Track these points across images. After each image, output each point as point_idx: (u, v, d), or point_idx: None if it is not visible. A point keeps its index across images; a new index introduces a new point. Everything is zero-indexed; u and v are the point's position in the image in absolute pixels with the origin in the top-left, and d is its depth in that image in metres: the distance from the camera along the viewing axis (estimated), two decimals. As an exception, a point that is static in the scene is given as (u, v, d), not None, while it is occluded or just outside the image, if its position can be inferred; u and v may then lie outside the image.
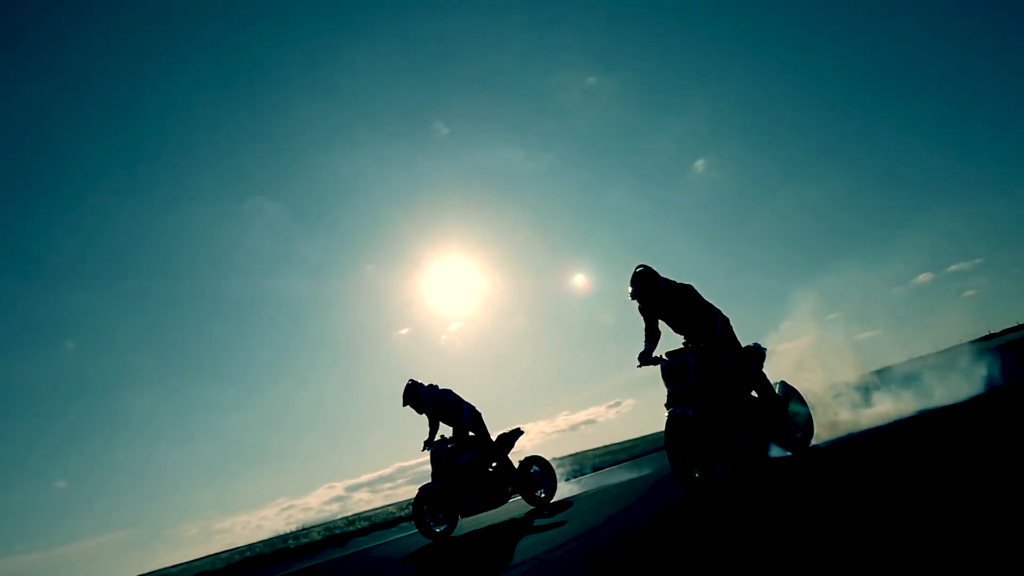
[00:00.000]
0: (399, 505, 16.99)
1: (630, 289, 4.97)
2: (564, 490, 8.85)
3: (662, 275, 5.04)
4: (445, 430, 7.17)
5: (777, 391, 5.25)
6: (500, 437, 7.20)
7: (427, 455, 6.87)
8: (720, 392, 4.68)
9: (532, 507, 7.13)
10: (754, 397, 5.09)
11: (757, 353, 5.20)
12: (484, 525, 6.84)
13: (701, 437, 4.35)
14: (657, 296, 4.95)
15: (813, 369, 6.41)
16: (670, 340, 5.16)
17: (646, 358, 4.94)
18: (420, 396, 6.97)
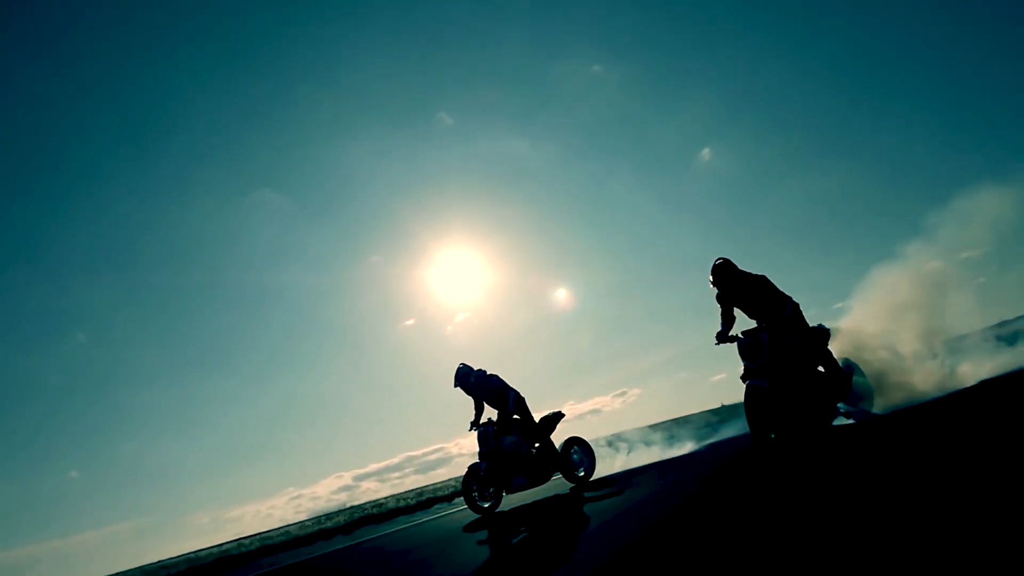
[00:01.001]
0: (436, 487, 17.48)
1: (711, 279, 5.68)
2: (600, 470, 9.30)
3: (739, 268, 5.72)
4: (489, 412, 7.64)
5: (841, 365, 5.88)
6: (542, 420, 7.64)
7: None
8: (791, 366, 5.30)
9: (573, 485, 7.58)
10: (821, 371, 5.68)
11: (823, 333, 5.80)
12: (529, 501, 7.30)
13: (776, 405, 5.04)
14: (735, 284, 5.62)
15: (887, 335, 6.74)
16: (743, 325, 5.80)
17: (723, 337, 5.64)
18: (470, 379, 7.43)
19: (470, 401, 7.66)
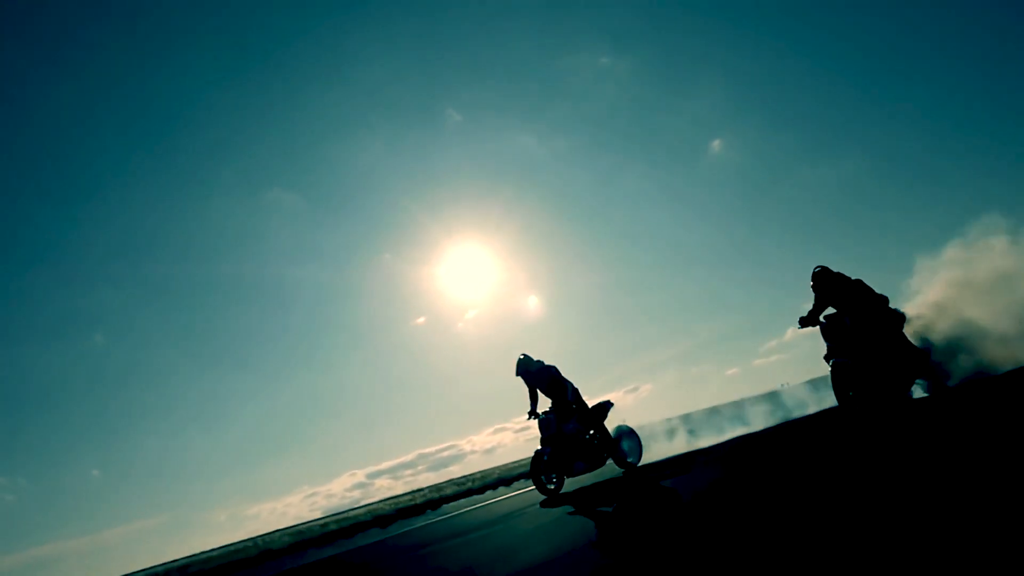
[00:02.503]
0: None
1: (812, 283, 6.67)
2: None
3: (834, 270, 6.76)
4: (543, 402, 8.21)
5: (919, 345, 6.68)
6: (595, 408, 8.21)
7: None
8: (870, 345, 6.10)
9: (623, 470, 8.16)
10: (900, 348, 6.39)
11: (899, 317, 6.58)
12: (588, 484, 7.89)
13: (858, 380, 6.01)
14: (833, 286, 6.56)
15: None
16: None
17: (806, 322, 6.66)
18: (532, 369, 8.01)
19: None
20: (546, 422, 7.77)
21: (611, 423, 8.44)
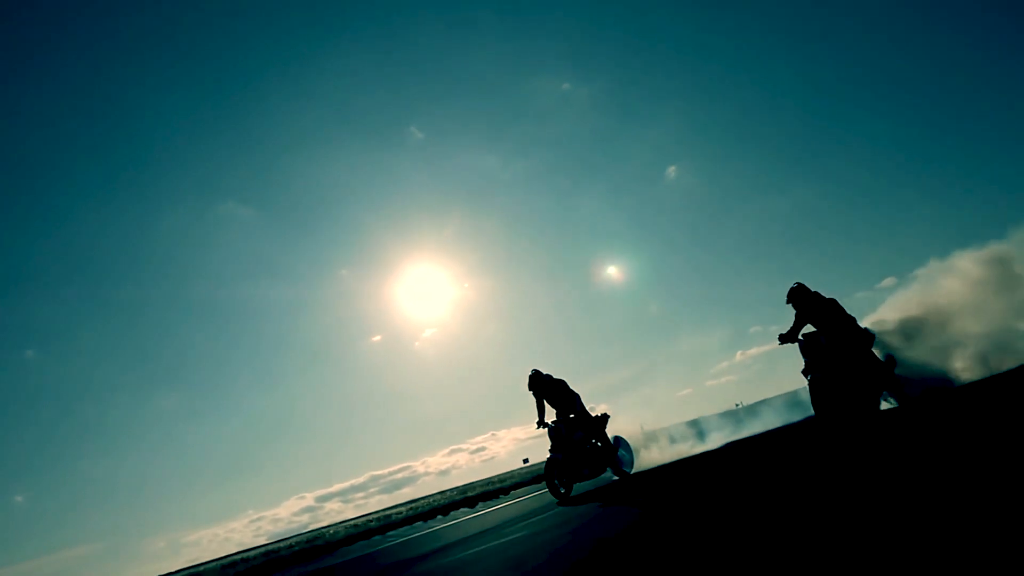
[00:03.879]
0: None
1: (788, 300, 7.55)
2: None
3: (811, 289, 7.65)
4: (549, 412, 9.05)
5: (882, 359, 7.57)
6: (596, 418, 9.11)
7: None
8: (845, 360, 7.02)
9: (617, 477, 9.07)
10: (870, 364, 7.29)
11: (869, 336, 7.44)
12: (593, 487, 8.74)
13: (834, 393, 6.90)
14: (810, 304, 7.39)
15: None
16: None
17: (786, 339, 7.43)
18: (543, 382, 8.85)
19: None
20: (557, 431, 8.60)
21: (608, 434, 9.38)
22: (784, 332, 7.48)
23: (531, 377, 8.96)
